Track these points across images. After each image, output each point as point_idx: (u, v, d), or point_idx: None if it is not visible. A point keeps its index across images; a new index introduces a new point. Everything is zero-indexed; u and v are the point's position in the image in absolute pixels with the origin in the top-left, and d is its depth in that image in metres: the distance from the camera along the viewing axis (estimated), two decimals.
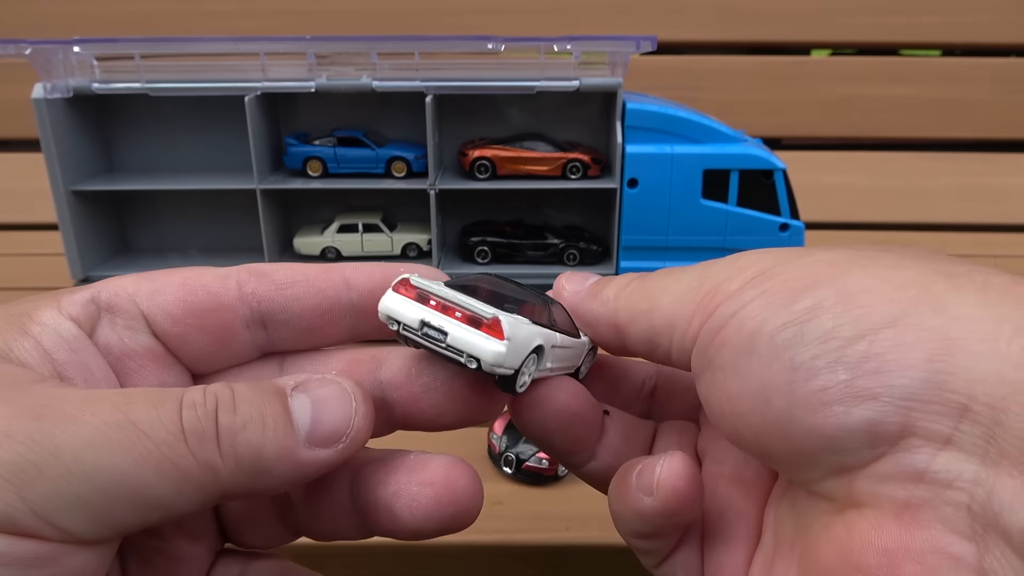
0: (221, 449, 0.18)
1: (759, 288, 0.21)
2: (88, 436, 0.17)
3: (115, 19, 1.03)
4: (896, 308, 0.19)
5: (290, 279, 0.24)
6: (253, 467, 0.19)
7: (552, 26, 1.04)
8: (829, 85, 1.07)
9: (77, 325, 0.22)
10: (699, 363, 0.22)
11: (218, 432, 0.18)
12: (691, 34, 1.06)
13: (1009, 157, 1.10)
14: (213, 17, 1.03)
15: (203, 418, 0.18)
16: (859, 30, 1.06)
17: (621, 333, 0.25)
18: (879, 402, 0.18)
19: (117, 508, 0.17)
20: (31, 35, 0.57)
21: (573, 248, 0.64)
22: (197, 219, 0.68)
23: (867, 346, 0.18)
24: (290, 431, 0.19)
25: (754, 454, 0.23)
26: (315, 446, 0.20)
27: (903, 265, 0.20)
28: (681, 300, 0.23)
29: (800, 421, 0.19)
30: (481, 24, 1.03)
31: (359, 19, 1.04)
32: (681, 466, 0.23)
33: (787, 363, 0.19)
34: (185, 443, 0.18)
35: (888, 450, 0.18)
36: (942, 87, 1.07)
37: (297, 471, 0.19)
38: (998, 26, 1.05)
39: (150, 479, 0.17)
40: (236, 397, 0.19)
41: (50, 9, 1.03)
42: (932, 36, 1.07)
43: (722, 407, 0.21)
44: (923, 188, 1.04)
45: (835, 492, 0.20)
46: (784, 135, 1.10)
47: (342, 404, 0.20)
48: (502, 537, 0.40)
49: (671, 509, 0.23)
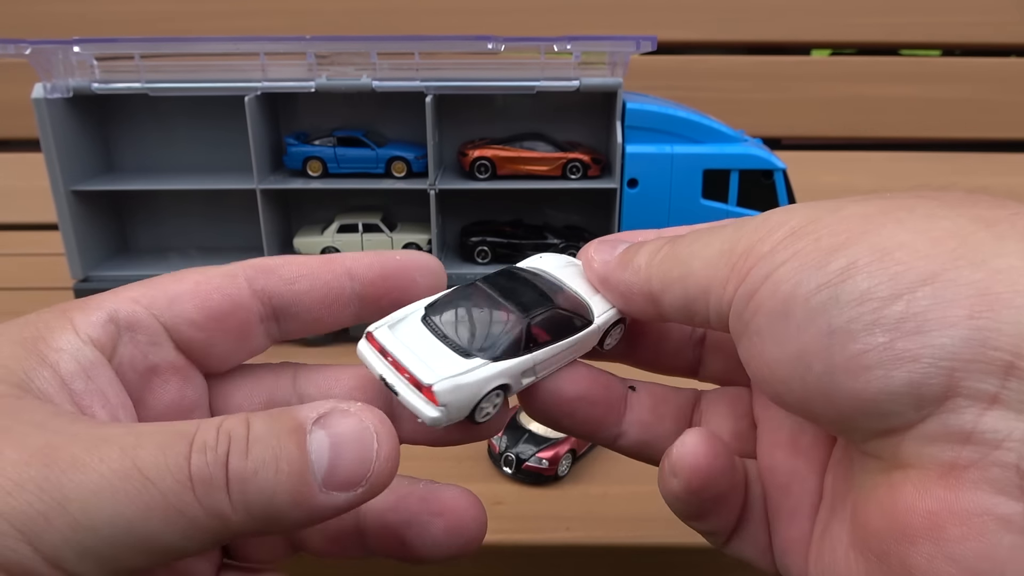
0: (231, 497, 0.18)
1: (791, 248, 0.20)
2: (95, 485, 0.17)
3: (115, 19, 1.03)
4: (933, 263, 0.18)
5: (296, 274, 0.24)
6: (264, 513, 0.18)
7: (552, 26, 1.04)
8: (829, 85, 1.07)
9: (97, 348, 0.22)
10: (736, 328, 0.22)
11: (228, 479, 0.18)
12: (691, 34, 1.06)
13: (1009, 157, 1.10)
14: (213, 17, 1.03)
15: (212, 464, 0.18)
16: (859, 30, 1.06)
17: (656, 302, 0.24)
18: (920, 363, 0.17)
19: (125, 556, 0.17)
20: (31, 35, 0.57)
21: (573, 248, 0.64)
22: (197, 219, 0.68)
23: (905, 306, 0.18)
24: (306, 476, 0.18)
25: (801, 416, 0.23)
26: (332, 490, 0.18)
27: (939, 214, 0.19)
28: (714, 264, 0.22)
29: (841, 386, 0.19)
30: (481, 24, 1.03)
31: (359, 19, 1.04)
32: (696, 443, 0.23)
33: (823, 327, 0.19)
34: (192, 492, 0.17)
35: (933, 411, 0.18)
36: (942, 87, 1.07)
37: (312, 517, 0.19)
38: (998, 26, 1.05)
39: (156, 528, 0.17)
40: (250, 437, 0.18)
41: (50, 9, 1.03)
42: (932, 36, 1.06)
43: (762, 373, 0.21)
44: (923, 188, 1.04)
45: (882, 452, 0.20)
46: (784, 135, 1.10)
47: (363, 445, 0.19)
48: (502, 537, 0.40)
49: (695, 487, 0.23)
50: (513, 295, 0.25)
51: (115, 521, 0.17)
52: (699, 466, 0.23)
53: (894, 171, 1.07)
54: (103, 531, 0.17)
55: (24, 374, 0.20)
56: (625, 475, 0.46)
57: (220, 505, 0.18)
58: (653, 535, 0.41)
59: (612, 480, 0.45)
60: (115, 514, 0.17)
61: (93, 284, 0.61)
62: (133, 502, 0.17)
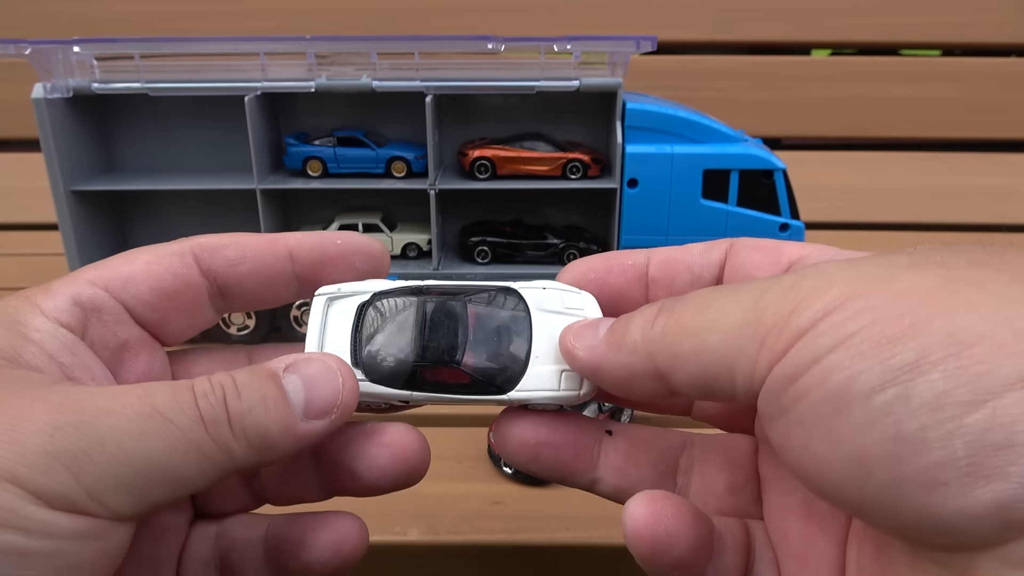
0: (234, 432, 0.21)
1: (841, 330, 0.17)
2: (126, 426, 0.19)
3: (115, 19, 1.03)
4: (1021, 362, 0.16)
5: (239, 256, 0.26)
6: (261, 444, 0.21)
7: (552, 26, 1.04)
8: (829, 85, 1.07)
9: (69, 331, 0.23)
10: (770, 409, 0.19)
11: (230, 418, 0.21)
12: (691, 34, 1.06)
13: (1009, 157, 1.10)
14: (213, 17, 1.03)
15: (216, 406, 0.20)
16: (859, 30, 1.06)
17: (665, 380, 0.21)
18: (1009, 483, 0.15)
19: (154, 487, 0.19)
20: (31, 35, 0.57)
21: (573, 248, 0.64)
22: (197, 219, 0.68)
23: (990, 414, 0.15)
24: (289, 409, 0.22)
25: (853, 515, 0.21)
26: (311, 419, 0.22)
27: (1017, 295, 0.17)
28: (737, 338, 0.19)
29: (909, 500, 0.16)
30: (481, 24, 1.03)
31: (359, 19, 1.04)
32: (637, 509, 0.22)
33: (889, 432, 0.16)
34: (205, 429, 0.20)
35: (1021, 535, 0.15)
36: (942, 87, 1.07)
37: (299, 442, 0.22)
38: (998, 26, 1.05)
39: (179, 461, 0.20)
40: (238, 384, 0.21)
41: (50, 9, 1.03)
42: (932, 36, 1.07)
43: (806, 468, 0.19)
44: (923, 188, 1.04)
45: (950, 563, 0.17)
46: (784, 135, 1.10)
47: (330, 380, 0.23)
48: (502, 537, 0.40)
49: (643, 555, 0.22)
50: (437, 329, 0.25)
51: (148, 456, 0.19)
52: (640, 533, 0.22)
53: (894, 171, 1.07)
54: (138, 464, 0.19)
55: (13, 351, 0.22)
56: None
57: (227, 440, 0.20)
58: None
59: None
60: (147, 450, 0.19)
61: None
62: (160, 439, 0.19)
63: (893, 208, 1.00)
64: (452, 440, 0.49)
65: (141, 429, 0.19)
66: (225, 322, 0.63)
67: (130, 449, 0.19)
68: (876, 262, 0.19)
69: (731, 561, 0.24)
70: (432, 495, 0.43)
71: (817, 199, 0.78)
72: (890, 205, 1.00)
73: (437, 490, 0.44)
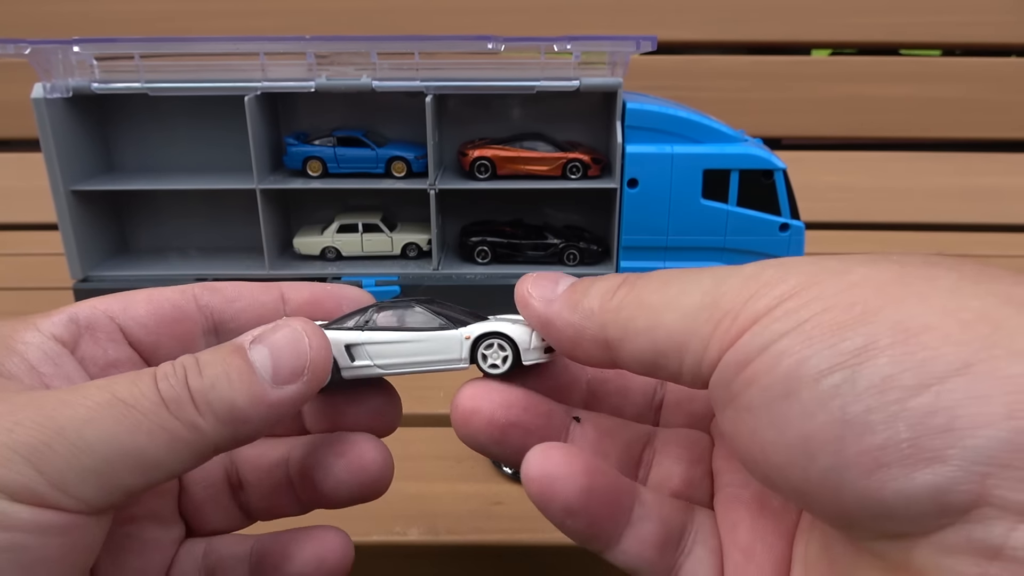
0: (199, 409, 0.21)
1: (793, 317, 0.18)
2: (85, 415, 0.19)
3: (115, 19, 1.03)
4: (965, 351, 0.16)
5: (237, 294, 0.27)
6: (231, 417, 0.21)
7: (552, 26, 1.04)
8: (829, 85, 1.07)
9: (60, 343, 0.24)
10: (721, 396, 0.20)
11: (192, 395, 0.21)
12: (691, 34, 1.06)
13: (1009, 157, 1.10)
14: (213, 17, 1.03)
15: (176, 386, 0.21)
16: (859, 29, 1.06)
17: (612, 350, 0.22)
18: (948, 465, 0.15)
19: (121, 473, 0.19)
20: (31, 35, 0.57)
21: (573, 248, 0.64)
22: (197, 219, 0.68)
23: (933, 398, 0.16)
24: (255, 379, 0.21)
25: (795, 504, 0.21)
26: (282, 384, 0.22)
27: (965, 290, 0.17)
28: (692, 319, 0.20)
29: (851, 483, 0.17)
30: (481, 24, 1.03)
31: (359, 19, 1.04)
32: (531, 455, 0.23)
33: (835, 415, 0.17)
34: (167, 409, 0.20)
35: (957, 520, 0.16)
36: (942, 87, 1.07)
37: (273, 411, 0.22)
38: (998, 26, 1.05)
39: (145, 444, 0.20)
40: (200, 362, 0.21)
41: (50, 9, 1.03)
42: (932, 36, 1.07)
43: (753, 454, 0.19)
44: (923, 188, 1.04)
45: (888, 554, 0.17)
46: (784, 135, 1.10)
47: (296, 343, 0.22)
48: (502, 537, 0.40)
49: (533, 497, 0.23)
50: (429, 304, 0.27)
51: (109, 442, 0.19)
52: (531, 477, 0.22)
53: (894, 171, 1.07)
54: (100, 451, 0.19)
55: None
56: None
57: (192, 417, 0.20)
58: None
59: None
60: (108, 436, 0.19)
61: (93, 284, 0.61)
62: (121, 423, 0.19)
63: (893, 208, 1.00)
64: (452, 440, 0.49)
65: (101, 416, 0.19)
66: None
67: (90, 436, 0.19)
68: (836, 258, 0.19)
69: (653, 532, 0.24)
70: (432, 495, 0.43)
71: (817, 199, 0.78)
72: (890, 205, 1.00)
73: (437, 490, 0.44)
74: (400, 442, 0.54)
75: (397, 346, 0.26)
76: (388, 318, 0.26)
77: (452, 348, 0.26)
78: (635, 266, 0.62)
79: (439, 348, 0.26)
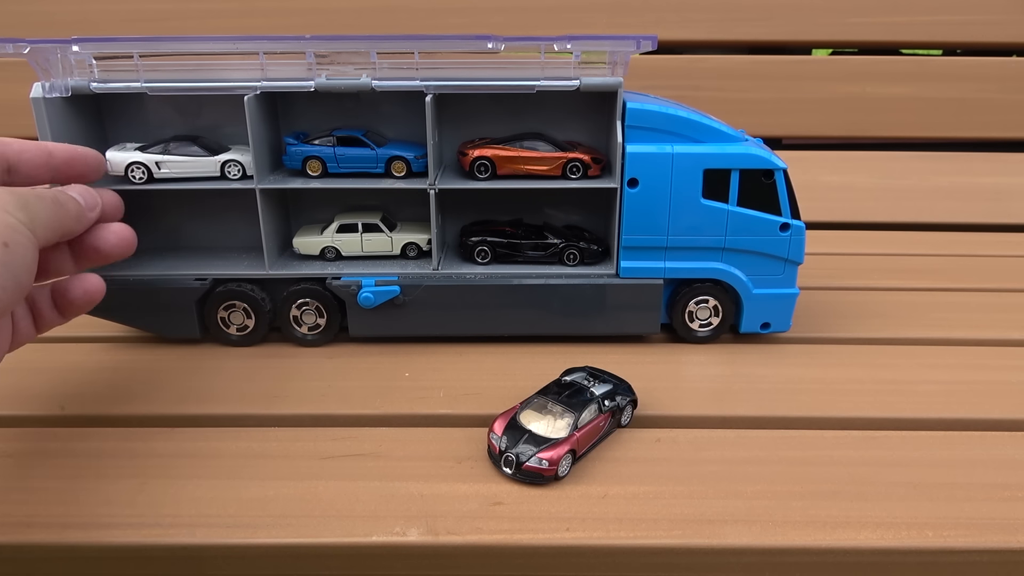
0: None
1: None
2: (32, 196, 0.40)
3: (114, 19, 1.03)
4: None
5: (23, 147, 0.44)
6: (72, 229, 0.44)
7: (552, 26, 1.04)
8: (830, 85, 1.07)
9: None
10: None
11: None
12: (691, 34, 1.06)
13: (1009, 157, 1.10)
14: (213, 17, 1.03)
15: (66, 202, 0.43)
16: (860, 29, 1.06)
17: None
18: None
19: (48, 234, 0.41)
20: (31, 35, 0.57)
21: (573, 248, 0.64)
22: (197, 218, 0.68)
23: None
24: (80, 208, 0.44)
25: None
26: (89, 211, 0.45)
27: None
28: None
29: None
30: (481, 24, 1.03)
31: (359, 18, 1.04)
32: None
33: None
34: (64, 208, 0.43)
35: None
36: (942, 87, 1.07)
37: (86, 222, 0.45)
38: (998, 26, 1.05)
39: (58, 223, 0.42)
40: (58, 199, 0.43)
41: (49, 9, 1.03)
42: (933, 36, 1.07)
43: None
44: (923, 188, 1.04)
45: None
46: (785, 135, 1.10)
47: (91, 192, 0.46)
48: (502, 537, 0.40)
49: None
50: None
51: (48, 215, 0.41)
52: None
53: (894, 171, 1.07)
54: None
55: None
56: (625, 475, 0.46)
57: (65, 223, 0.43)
58: (653, 535, 0.41)
59: (612, 480, 0.45)
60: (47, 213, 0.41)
61: None
62: (53, 211, 0.42)
63: (893, 208, 1.00)
64: (452, 440, 0.49)
65: (45, 202, 0.41)
66: (225, 322, 0.63)
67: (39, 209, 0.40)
68: None
69: None
70: (432, 495, 0.43)
71: (817, 199, 0.78)
72: (890, 205, 1.00)
73: (437, 490, 0.44)
74: (400, 442, 0.54)
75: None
76: None
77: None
78: (635, 266, 0.62)
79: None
